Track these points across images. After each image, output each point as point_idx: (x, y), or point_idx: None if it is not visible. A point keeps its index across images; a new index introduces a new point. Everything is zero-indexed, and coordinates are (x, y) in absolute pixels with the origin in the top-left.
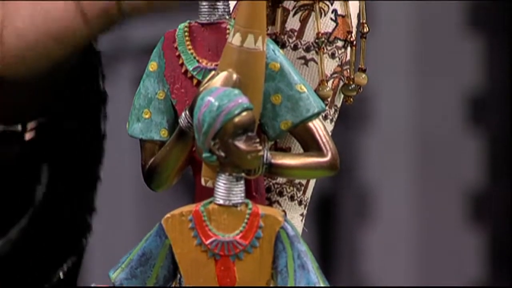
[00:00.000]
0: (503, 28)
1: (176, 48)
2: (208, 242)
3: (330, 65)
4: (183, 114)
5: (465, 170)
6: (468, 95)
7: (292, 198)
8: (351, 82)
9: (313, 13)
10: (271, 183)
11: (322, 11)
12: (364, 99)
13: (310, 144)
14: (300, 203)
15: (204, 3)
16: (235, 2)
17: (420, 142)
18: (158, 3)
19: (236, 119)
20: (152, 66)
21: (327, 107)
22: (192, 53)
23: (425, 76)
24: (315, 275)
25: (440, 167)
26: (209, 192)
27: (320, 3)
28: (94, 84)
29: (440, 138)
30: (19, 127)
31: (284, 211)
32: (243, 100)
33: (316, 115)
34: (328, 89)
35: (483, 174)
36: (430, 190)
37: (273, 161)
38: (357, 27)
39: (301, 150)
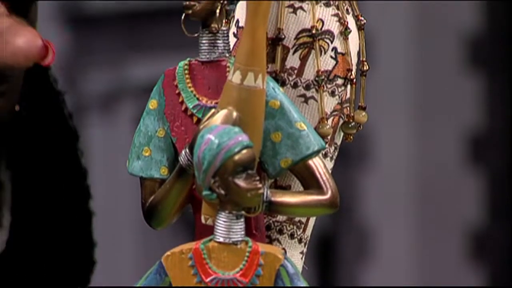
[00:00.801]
0: (503, 67)
1: (176, 86)
2: (208, 280)
3: (330, 103)
4: (183, 152)
5: (465, 209)
6: (468, 134)
7: (292, 236)
8: (351, 120)
9: (313, 51)
10: (271, 221)
11: (322, 49)
12: (364, 137)
13: (310, 182)
14: (300, 241)
15: (204, 41)
16: (235, 40)
17: (420, 180)
18: None
19: (236, 157)
20: (152, 104)
21: (327, 145)
22: (192, 91)
23: (425, 115)
24: None
25: (440, 206)
26: (209, 230)
27: (320, 41)
28: (62, 125)
29: (440, 176)
30: None
31: (284, 249)
32: (243, 138)
33: (316, 153)
34: (328, 127)
35: (483, 213)
36: (430, 229)
37: (273, 199)
38: (357, 65)
39: (301, 188)
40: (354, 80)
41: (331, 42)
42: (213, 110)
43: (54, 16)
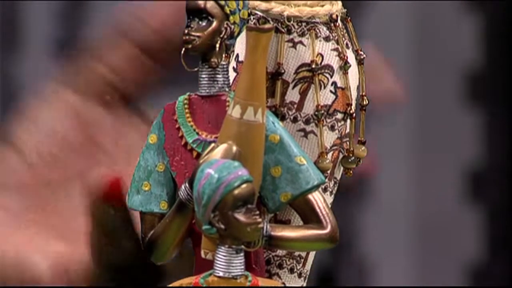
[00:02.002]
0: (502, 102)
1: (176, 121)
2: None
3: (329, 138)
4: (182, 186)
5: (465, 245)
6: (467, 170)
7: (291, 271)
8: (351, 155)
9: (312, 86)
10: (270, 256)
11: (322, 83)
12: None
13: (310, 217)
14: (299, 275)
15: (204, 76)
16: (235, 74)
17: (419, 215)
18: None
19: (236, 192)
20: (152, 138)
21: (326, 180)
22: (191, 126)
23: (425, 150)
24: None
25: (440, 241)
26: (209, 264)
27: (320, 75)
28: None
29: (440, 212)
30: None
31: (284, 283)
32: (243, 172)
33: (316, 187)
34: (327, 161)
35: (482, 248)
36: (429, 264)
37: (272, 233)
38: (357, 99)
39: (301, 222)
40: (354, 114)
41: (331, 77)
42: (212, 145)
43: (54, 50)
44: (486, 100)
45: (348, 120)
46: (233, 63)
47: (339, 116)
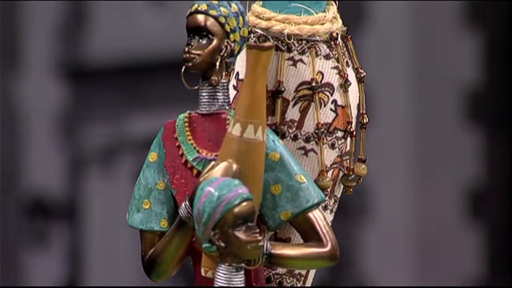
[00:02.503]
0: (502, 122)
1: (176, 139)
2: None
3: (330, 156)
4: (183, 204)
5: (465, 264)
6: (467, 189)
7: None
8: (351, 173)
9: (313, 104)
10: (271, 274)
11: (322, 101)
12: (363, 190)
13: (310, 234)
14: None
15: (204, 94)
16: (235, 92)
17: (419, 234)
18: None
19: (236, 210)
20: (152, 156)
21: (327, 198)
22: (192, 144)
23: (425, 169)
24: None
25: (440, 260)
26: (209, 283)
27: (320, 93)
28: None
29: (440, 231)
30: None
31: None
32: (243, 190)
33: (316, 206)
34: (328, 179)
35: (482, 267)
36: (430, 283)
37: (273, 251)
38: (357, 117)
39: (301, 240)
40: (354, 132)
41: (331, 95)
42: (213, 163)
43: (54, 70)
44: (486, 119)
45: (349, 138)
46: (233, 81)
47: (340, 134)
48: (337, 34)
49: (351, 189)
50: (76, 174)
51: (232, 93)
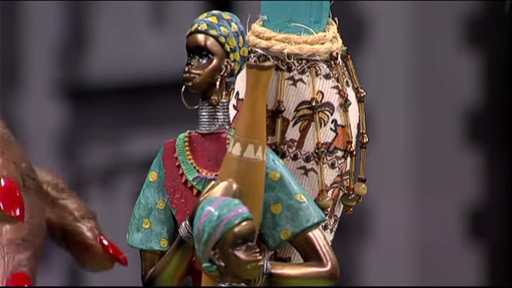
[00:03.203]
0: (502, 142)
1: (176, 158)
2: None
3: (330, 175)
4: (183, 224)
5: (465, 283)
6: (467, 209)
7: None
8: (351, 192)
9: (313, 123)
10: None
11: (322, 121)
12: (363, 210)
13: (310, 254)
14: None
15: (204, 113)
16: (235, 112)
17: (419, 254)
18: None
19: (236, 229)
20: (152, 176)
21: (327, 217)
22: (192, 163)
23: (425, 189)
24: None
25: (440, 282)
26: None
27: (320, 113)
28: None
29: (440, 252)
30: None
31: None
32: (243, 210)
33: (316, 225)
34: (328, 199)
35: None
36: None
37: (273, 271)
38: (357, 137)
39: (301, 260)
40: (354, 152)
41: (331, 114)
42: (213, 182)
43: (54, 90)
44: (486, 139)
45: (349, 158)
46: (233, 101)
47: (340, 153)
48: (337, 53)
49: (351, 209)
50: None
51: (232, 112)
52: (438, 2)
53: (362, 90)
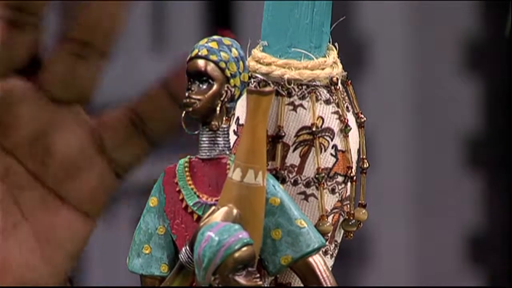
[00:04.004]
0: (502, 168)
1: (177, 183)
2: None
3: (330, 201)
4: (183, 249)
5: None
6: (467, 235)
7: None
8: (351, 218)
9: (313, 149)
10: None
11: (322, 146)
12: (364, 236)
13: (310, 279)
14: None
15: (204, 139)
16: (235, 137)
17: (420, 281)
18: None
19: (237, 254)
20: (153, 201)
21: (327, 242)
22: (192, 188)
23: (425, 214)
24: None
25: None
26: None
27: (320, 138)
28: None
29: (440, 277)
30: None
31: None
32: (244, 235)
33: (316, 250)
34: (328, 224)
35: None
36: None
37: None
38: (357, 162)
39: (302, 285)
40: (355, 177)
41: (331, 140)
42: (213, 208)
43: None
44: (487, 165)
45: (349, 183)
46: (233, 126)
47: (340, 179)
48: (337, 79)
49: (352, 234)
50: None
51: (232, 138)
52: (439, 28)
53: (362, 116)
